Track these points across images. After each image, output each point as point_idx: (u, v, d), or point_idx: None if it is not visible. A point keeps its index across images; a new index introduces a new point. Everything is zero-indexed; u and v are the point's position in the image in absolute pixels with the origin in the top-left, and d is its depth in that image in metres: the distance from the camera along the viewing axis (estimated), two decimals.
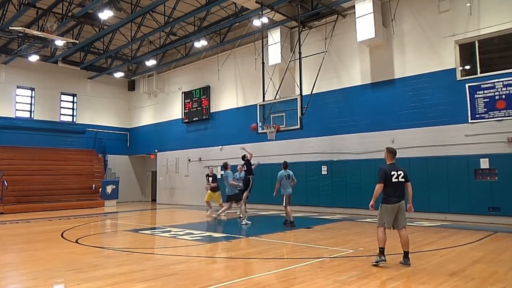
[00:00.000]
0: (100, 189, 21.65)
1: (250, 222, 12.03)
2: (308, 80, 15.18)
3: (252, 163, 13.63)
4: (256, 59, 18.42)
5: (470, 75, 12.82)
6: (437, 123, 13.19)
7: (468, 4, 12.75)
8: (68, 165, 22.27)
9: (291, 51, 17.12)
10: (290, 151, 17.16)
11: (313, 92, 15.02)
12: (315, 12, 15.95)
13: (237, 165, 13.69)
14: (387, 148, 6.92)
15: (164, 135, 24.12)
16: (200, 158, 21.54)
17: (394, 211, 6.36)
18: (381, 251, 6.29)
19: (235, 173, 13.07)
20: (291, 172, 11.79)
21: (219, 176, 15.17)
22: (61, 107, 24.17)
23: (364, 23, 14.24)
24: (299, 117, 13.77)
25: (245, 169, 13.20)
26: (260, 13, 15.33)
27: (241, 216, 12.54)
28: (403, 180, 6.45)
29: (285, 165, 11.88)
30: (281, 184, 11.52)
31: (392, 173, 6.43)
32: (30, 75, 22.55)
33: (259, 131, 15.16)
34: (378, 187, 6.40)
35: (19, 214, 16.82)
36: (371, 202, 6.46)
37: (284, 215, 11.83)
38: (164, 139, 24.04)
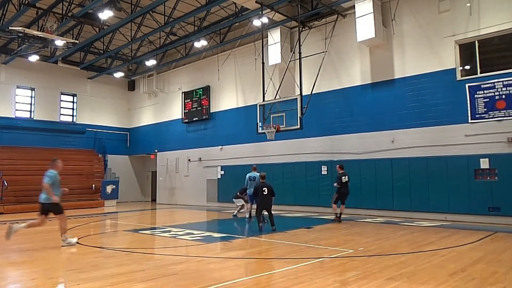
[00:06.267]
0: (100, 189, 21.64)
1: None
2: (308, 80, 15.18)
3: None
4: (256, 59, 18.41)
5: (470, 75, 12.82)
6: (437, 123, 13.19)
7: (468, 4, 12.75)
8: (68, 165, 22.13)
9: (291, 51, 17.12)
10: (290, 151, 17.17)
11: (313, 92, 15.03)
12: (315, 12, 15.95)
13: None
14: None
15: (164, 135, 24.11)
16: (200, 158, 21.53)
17: None
18: None
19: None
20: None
21: None
22: (61, 107, 24.16)
23: (364, 23, 14.24)
24: (299, 117, 13.76)
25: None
26: (260, 13, 15.32)
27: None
28: None
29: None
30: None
31: None
32: (30, 75, 22.55)
33: (259, 131, 15.16)
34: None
35: (19, 214, 16.80)
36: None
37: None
38: (164, 139, 24.03)
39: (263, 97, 15.43)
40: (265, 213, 10.81)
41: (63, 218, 8.48)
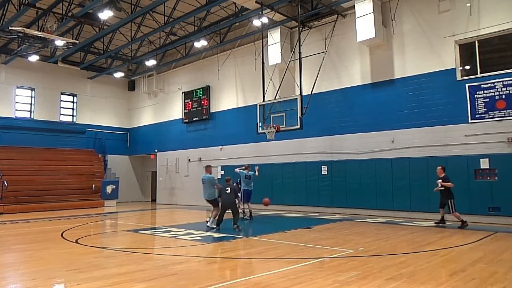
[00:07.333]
0: (100, 189, 21.64)
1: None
2: (308, 80, 15.18)
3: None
4: (256, 59, 18.41)
5: (470, 75, 12.83)
6: (437, 123, 13.19)
7: (468, 4, 12.75)
8: (68, 165, 22.26)
9: (291, 51, 17.12)
10: (290, 151, 17.17)
11: (313, 92, 15.03)
12: (315, 12, 15.95)
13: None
14: None
15: (164, 135, 24.11)
16: (200, 158, 21.53)
17: None
18: None
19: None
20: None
21: None
22: (61, 107, 24.16)
23: (364, 23, 14.24)
24: (299, 117, 13.76)
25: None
26: (260, 13, 15.32)
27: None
28: None
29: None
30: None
31: None
32: (30, 75, 22.55)
33: (259, 131, 15.17)
34: None
35: (19, 214, 16.82)
36: None
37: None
38: (164, 139, 24.04)
39: (263, 97, 15.42)
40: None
41: (217, 209, 11.02)
